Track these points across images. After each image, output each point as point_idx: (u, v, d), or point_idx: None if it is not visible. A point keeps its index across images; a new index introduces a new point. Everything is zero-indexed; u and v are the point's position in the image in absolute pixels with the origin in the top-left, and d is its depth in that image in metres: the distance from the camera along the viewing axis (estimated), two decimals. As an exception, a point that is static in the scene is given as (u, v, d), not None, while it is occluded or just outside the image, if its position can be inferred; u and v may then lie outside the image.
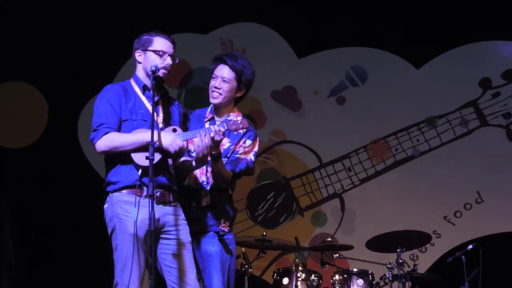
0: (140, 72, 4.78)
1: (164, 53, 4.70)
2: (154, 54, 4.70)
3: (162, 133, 4.60)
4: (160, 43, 4.72)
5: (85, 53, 7.98)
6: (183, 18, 8.11)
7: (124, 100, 4.68)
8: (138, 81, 4.77)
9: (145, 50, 4.72)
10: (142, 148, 4.52)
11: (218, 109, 5.03)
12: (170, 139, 4.59)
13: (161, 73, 4.66)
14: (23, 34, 7.99)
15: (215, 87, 4.97)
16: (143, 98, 4.73)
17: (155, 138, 4.46)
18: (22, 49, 7.99)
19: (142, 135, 4.54)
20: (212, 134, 4.61)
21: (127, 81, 4.82)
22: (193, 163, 4.77)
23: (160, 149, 4.55)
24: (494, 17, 8.11)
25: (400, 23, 8.18)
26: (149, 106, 4.69)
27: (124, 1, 8.05)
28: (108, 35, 7.81)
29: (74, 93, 7.94)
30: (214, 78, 4.99)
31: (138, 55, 4.76)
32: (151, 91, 4.63)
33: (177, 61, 4.75)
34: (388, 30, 8.21)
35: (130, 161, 4.57)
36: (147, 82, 4.74)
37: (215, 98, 4.98)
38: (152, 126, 4.44)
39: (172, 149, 4.58)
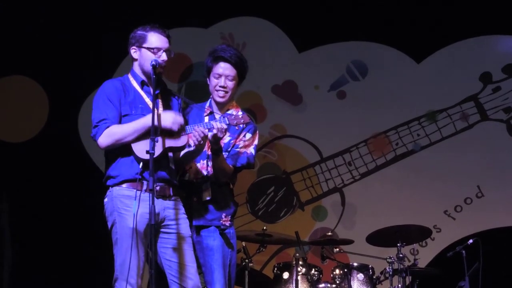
0: (136, 68, 4.75)
1: (159, 49, 4.67)
2: (149, 51, 4.67)
3: (162, 114, 4.58)
4: (154, 39, 4.68)
5: (86, 46, 7.97)
6: (184, 12, 8.10)
7: (123, 95, 4.67)
8: (135, 77, 4.74)
9: (139, 47, 4.68)
10: (144, 138, 4.51)
11: (220, 105, 4.99)
12: (171, 117, 4.56)
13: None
14: (23, 28, 7.98)
15: (221, 86, 4.92)
16: (142, 93, 4.71)
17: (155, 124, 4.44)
18: (22, 43, 7.97)
19: (142, 120, 4.53)
20: (215, 131, 4.60)
21: (125, 76, 4.79)
22: (191, 154, 4.77)
23: (163, 131, 4.52)
24: (495, 12, 8.09)
25: (401, 17, 8.16)
26: (148, 101, 4.68)
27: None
28: (109, 29, 7.79)
29: (74, 87, 7.93)
30: (216, 77, 4.93)
31: (134, 52, 4.73)
32: (151, 85, 4.61)
33: (172, 55, 4.72)
34: (389, 24, 8.19)
35: (130, 154, 4.56)
36: (144, 78, 4.73)
37: (223, 97, 4.93)
38: (153, 120, 4.43)
39: (175, 127, 4.56)
